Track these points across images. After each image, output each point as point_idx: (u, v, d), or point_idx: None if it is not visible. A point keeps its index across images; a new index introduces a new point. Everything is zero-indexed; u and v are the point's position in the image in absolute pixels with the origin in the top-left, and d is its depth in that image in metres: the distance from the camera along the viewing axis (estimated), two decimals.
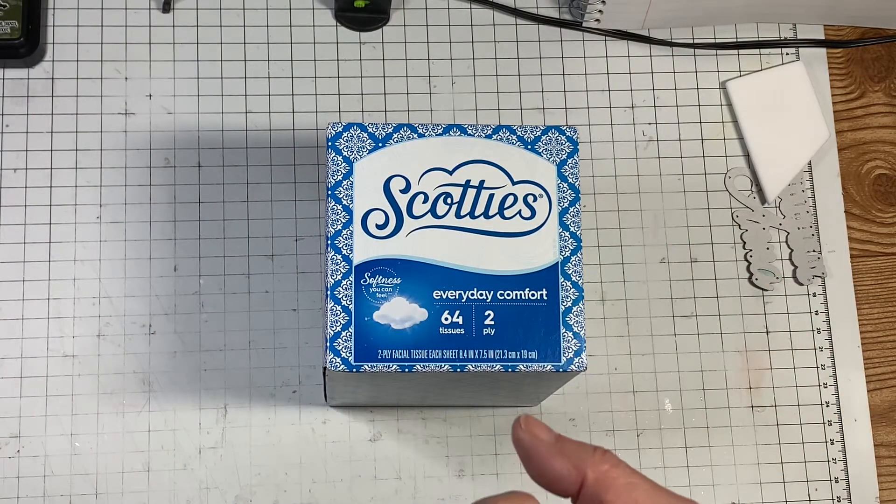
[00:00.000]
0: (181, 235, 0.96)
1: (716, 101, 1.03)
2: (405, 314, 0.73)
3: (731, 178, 1.01)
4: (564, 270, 0.75)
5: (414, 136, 0.76)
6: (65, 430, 0.92)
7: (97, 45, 0.99)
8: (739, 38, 1.04)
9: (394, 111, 1.00)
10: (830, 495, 0.96)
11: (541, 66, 1.02)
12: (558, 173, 0.77)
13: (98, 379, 0.93)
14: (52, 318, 0.94)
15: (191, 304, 0.95)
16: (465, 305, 0.73)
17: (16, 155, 0.96)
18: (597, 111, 1.02)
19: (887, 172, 1.03)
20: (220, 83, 0.99)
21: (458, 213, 0.75)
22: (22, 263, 0.94)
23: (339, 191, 0.75)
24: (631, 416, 0.96)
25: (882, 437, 0.98)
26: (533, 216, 0.75)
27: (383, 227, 0.74)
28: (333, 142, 0.76)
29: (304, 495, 0.92)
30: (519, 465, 0.94)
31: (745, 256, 0.99)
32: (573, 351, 0.74)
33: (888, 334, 1.00)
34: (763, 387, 0.97)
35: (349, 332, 0.73)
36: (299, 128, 0.99)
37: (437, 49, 1.02)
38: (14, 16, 0.96)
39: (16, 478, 0.91)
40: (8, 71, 0.98)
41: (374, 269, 0.73)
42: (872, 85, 1.05)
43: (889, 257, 1.02)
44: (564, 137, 0.77)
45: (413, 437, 0.94)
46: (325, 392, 0.89)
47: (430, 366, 0.73)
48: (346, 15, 1.01)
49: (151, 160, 0.97)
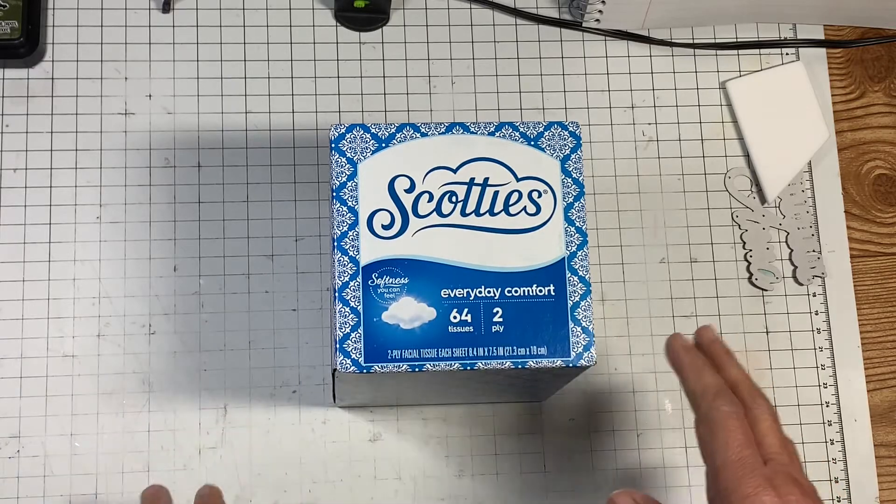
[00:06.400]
0: (181, 235, 0.96)
1: (716, 101, 1.03)
2: (414, 314, 0.73)
3: (731, 178, 1.01)
4: (571, 265, 0.75)
5: (417, 135, 0.76)
6: (65, 430, 0.92)
7: (97, 45, 0.99)
8: (739, 38, 1.04)
9: (394, 111, 1.00)
10: (830, 495, 0.96)
11: (541, 66, 1.02)
12: (562, 168, 0.77)
13: (98, 379, 0.93)
14: (52, 318, 0.93)
15: (191, 304, 0.95)
16: (473, 303, 0.73)
17: (16, 155, 0.96)
18: (597, 111, 1.02)
19: (887, 172, 1.03)
20: (220, 83, 0.99)
21: (464, 211, 0.75)
22: (22, 263, 0.94)
23: (343, 192, 0.75)
24: (631, 416, 0.96)
25: (882, 437, 0.98)
26: (538, 212, 0.75)
27: (389, 228, 0.74)
28: (337, 143, 0.76)
29: (304, 495, 0.92)
30: (519, 466, 0.94)
31: (745, 256, 1.00)
32: (582, 346, 0.74)
33: (888, 334, 1.00)
34: (763, 387, 0.97)
35: (358, 333, 0.73)
36: (299, 128, 0.99)
37: (437, 49, 1.02)
38: (14, 16, 0.96)
39: (16, 478, 0.91)
40: (8, 71, 0.98)
41: (381, 270, 0.73)
42: (872, 85, 1.06)
43: (889, 257, 1.02)
44: (567, 133, 0.77)
45: (413, 437, 0.94)
46: (333, 393, 0.89)
47: (439, 365, 0.72)
48: (346, 15, 1.01)
49: (151, 160, 0.97)
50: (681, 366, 0.71)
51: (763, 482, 0.62)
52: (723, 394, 0.67)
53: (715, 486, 0.64)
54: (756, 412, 0.67)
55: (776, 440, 0.65)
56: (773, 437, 0.66)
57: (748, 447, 0.64)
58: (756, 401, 0.68)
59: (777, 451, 0.65)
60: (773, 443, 0.65)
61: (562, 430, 0.95)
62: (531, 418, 0.95)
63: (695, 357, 0.71)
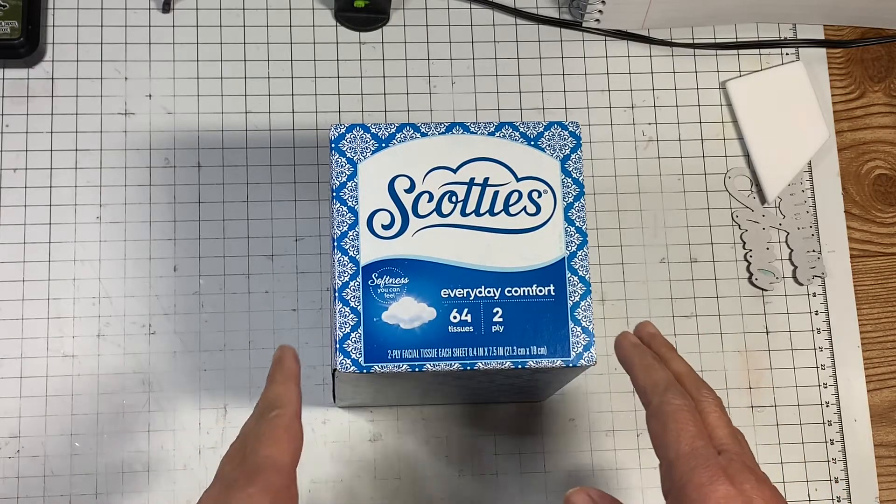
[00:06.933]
0: (181, 235, 0.96)
1: (716, 101, 1.03)
2: (414, 314, 0.73)
3: (731, 178, 1.01)
4: (571, 265, 0.75)
5: (417, 135, 0.76)
6: (65, 430, 0.92)
7: (97, 45, 0.99)
8: (739, 38, 1.04)
9: (394, 111, 1.00)
10: (830, 495, 0.96)
11: (541, 66, 1.02)
12: (562, 168, 0.77)
13: (98, 379, 0.93)
14: (52, 318, 0.93)
15: (191, 304, 0.95)
16: (473, 303, 0.73)
17: (16, 155, 0.96)
18: (597, 111, 1.02)
19: (887, 172, 1.04)
20: (220, 83, 0.99)
21: (464, 211, 0.75)
22: (22, 263, 0.94)
23: (343, 192, 0.75)
24: (631, 416, 0.96)
25: (882, 437, 0.98)
26: (538, 212, 0.75)
27: (389, 228, 0.74)
28: (337, 143, 0.76)
29: (304, 495, 0.92)
30: (519, 466, 0.94)
31: (745, 256, 1.00)
32: (582, 346, 0.74)
33: (888, 334, 1.00)
34: (763, 387, 0.98)
35: (358, 333, 0.73)
36: (299, 128, 0.99)
37: (437, 49, 1.02)
38: (14, 16, 0.96)
39: (16, 478, 0.91)
40: (8, 71, 0.98)
41: (381, 270, 0.73)
42: (872, 85, 1.06)
43: (889, 257, 1.02)
44: (567, 132, 0.78)
45: (413, 437, 0.94)
46: (333, 393, 0.89)
47: (439, 365, 0.72)
48: (346, 15, 1.01)
49: (151, 160, 0.97)
50: (630, 363, 0.72)
51: (717, 471, 0.62)
52: (672, 387, 0.68)
53: (669, 479, 0.64)
54: (703, 404, 0.67)
55: (726, 431, 0.66)
56: (723, 428, 0.66)
57: (700, 438, 0.64)
58: (702, 392, 0.68)
59: (728, 441, 0.65)
60: (723, 434, 0.66)
61: (562, 430, 0.95)
62: (531, 418, 0.95)
63: (643, 353, 0.72)
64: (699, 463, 0.63)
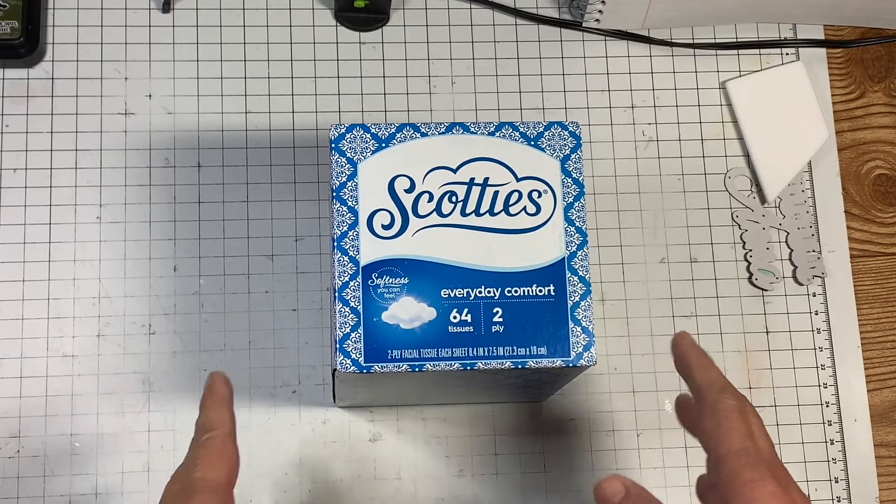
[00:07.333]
0: (181, 235, 0.96)
1: (716, 101, 1.03)
2: (414, 314, 0.73)
3: (731, 178, 1.01)
4: (571, 265, 0.75)
5: (417, 135, 0.76)
6: (65, 430, 0.92)
7: (97, 45, 0.99)
8: (739, 38, 1.04)
9: (394, 111, 1.00)
10: (830, 495, 0.96)
11: (541, 66, 1.02)
12: (562, 168, 0.77)
13: (98, 379, 0.93)
14: (52, 318, 0.93)
15: (191, 304, 0.95)
16: (473, 303, 0.73)
17: (16, 155, 0.96)
18: (597, 111, 1.02)
19: (887, 172, 1.03)
20: (220, 83, 0.99)
21: (464, 211, 0.75)
22: (22, 263, 0.94)
23: (343, 192, 0.75)
24: (631, 416, 0.96)
25: (882, 437, 0.98)
26: (538, 212, 0.75)
27: (389, 228, 0.74)
28: (337, 143, 0.76)
29: (304, 495, 0.92)
30: (519, 466, 0.94)
31: (744, 256, 1.00)
32: (582, 346, 0.74)
33: (888, 334, 1.00)
34: (763, 387, 0.97)
35: (358, 333, 0.73)
36: (299, 128, 0.99)
37: (437, 49, 1.02)
38: (14, 16, 0.96)
39: (16, 478, 0.91)
40: (8, 71, 0.98)
41: (381, 270, 0.73)
42: (872, 85, 1.06)
43: (889, 257, 1.02)
44: (567, 132, 0.78)
45: (413, 437, 0.94)
46: (333, 393, 0.89)
47: (439, 365, 0.72)
48: (346, 15, 1.01)
49: (151, 160, 0.97)
50: (688, 361, 0.73)
51: (766, 471, 0.64)
52: (728, 388, 0.70)
53: (717, 474, 0.66)
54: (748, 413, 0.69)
55: (767, 442, 0.68)
56: (764, 438, 0.68)
57: (750, 439, 0.66)
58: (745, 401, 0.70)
59: (770, 451, 0.68)
60: (765, 444, 0.67)
61: (562, 430, 0.95)
62: (531, 418, 0.95)
63: (700, 353, 0.74)
64: (750, 461, 0.65)
